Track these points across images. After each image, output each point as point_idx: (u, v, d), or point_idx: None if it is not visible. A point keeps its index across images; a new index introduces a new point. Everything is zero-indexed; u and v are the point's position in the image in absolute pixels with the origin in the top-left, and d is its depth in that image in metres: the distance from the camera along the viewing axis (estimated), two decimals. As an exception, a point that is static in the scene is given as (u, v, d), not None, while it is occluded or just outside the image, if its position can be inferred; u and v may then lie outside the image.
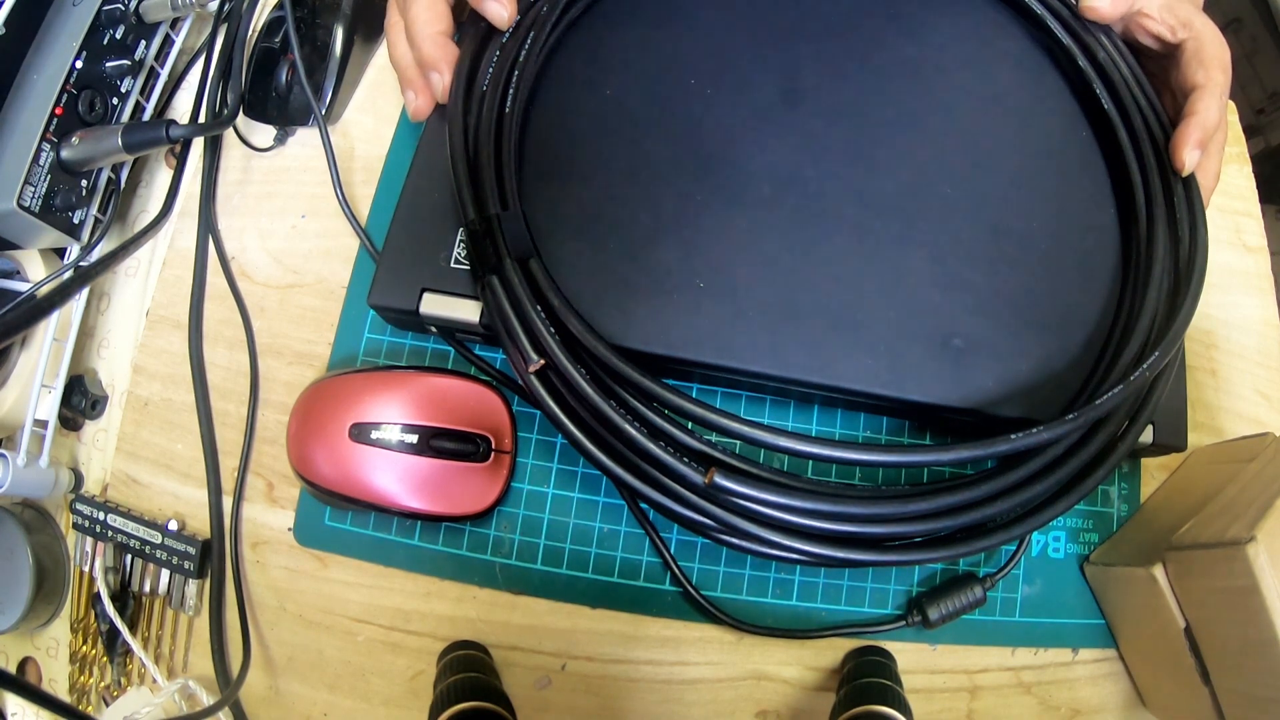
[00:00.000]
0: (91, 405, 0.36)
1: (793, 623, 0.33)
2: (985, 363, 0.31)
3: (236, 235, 0.38)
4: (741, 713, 0.32)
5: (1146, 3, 0.34)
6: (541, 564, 0.33)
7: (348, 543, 0.33)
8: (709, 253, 0.31)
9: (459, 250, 0.32)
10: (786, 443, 0.27)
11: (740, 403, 0.34)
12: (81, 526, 0.34)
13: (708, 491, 0.27)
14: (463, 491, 0.32)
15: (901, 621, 0.32)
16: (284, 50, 0.38)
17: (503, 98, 0.32)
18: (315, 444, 0.31)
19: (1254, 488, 0.28)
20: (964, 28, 0.36)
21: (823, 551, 0.28)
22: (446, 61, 0.32)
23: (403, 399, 0.32)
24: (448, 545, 0.33)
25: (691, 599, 0.32)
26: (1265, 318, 0.39)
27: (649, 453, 0.28)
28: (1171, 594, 0.29)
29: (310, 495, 0.33)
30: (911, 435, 0.35)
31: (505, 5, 0.32)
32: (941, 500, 0.28)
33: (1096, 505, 0.35)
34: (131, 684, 0.34)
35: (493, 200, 0.30)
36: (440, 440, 0.31)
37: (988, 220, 0.33)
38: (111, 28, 0.35)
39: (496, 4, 0.32)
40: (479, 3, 0.32)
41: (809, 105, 0.34)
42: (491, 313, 0.29)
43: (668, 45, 0.35)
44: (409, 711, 0.32)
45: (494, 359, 0.35)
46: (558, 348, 0.28)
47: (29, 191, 0.32)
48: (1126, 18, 0.35)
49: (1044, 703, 0.33)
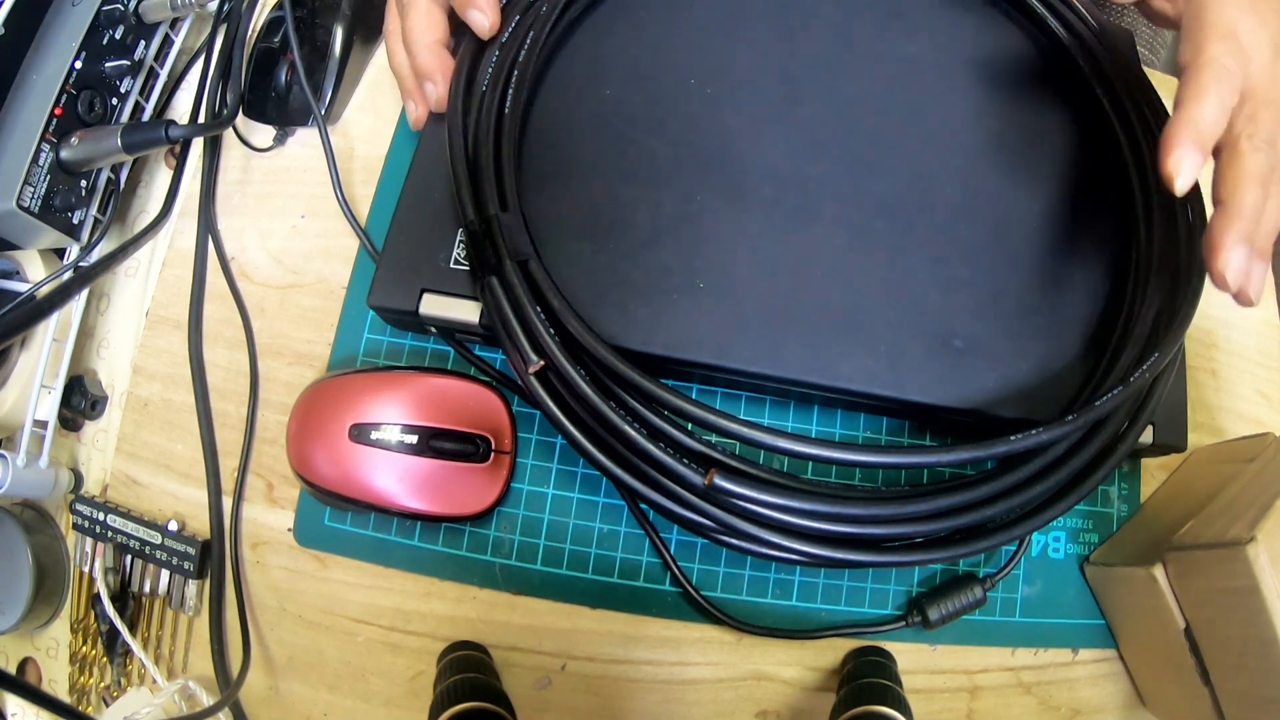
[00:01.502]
0: (91, 406, 0.36)
1: (793, 623, 0.33)
2: (985, 363, 0.31)
3: (236, 235, 0.38)
4: (741, 713, 0.32)
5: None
6: (541, 564, 0.33)
7: (348, 543, 0.33)
8: (709, 253, 0.31)
9: (459, 251, 0.32)
10: (786, 444, 0.27)
11: (740, 403, 0.34)
12: (81, 527, 0.34)
13: (707, 492, 0.27)
14: (463, 492, 0.32)
15: (901, 622, 0.32)
16: (284, 50, 0.38)
17: (502, 98, 0.32)
18: (315, 444, 0.31)
19: (1254, 488, 0.28)
20: (964, 26, 0.36)
21: (822, 552, 0.28)
22: (441, 71, 0.33)
23: (402, 399, 0.32)
24: (448, 545, 0.33)
25: (691, 599, 0.32)
26: (1265, 318, 0.39)
27: (648, 454, 0.28)
28: (1171, 594, 0.29)
29: (310, 496, 0.33)
30: (911, 436, 0.35)
31: (487, 14, 0.32)
32: (941, 501, 0.28)
33: (1096, 505, 0.35)
34: (131, 684, 0.34)
35: (492, 201, 0.30)
36: (440, 441, 0.31)
37: (988, 220, 0.33)
38: (111, 28, 0.35)
39: (479, 13, 0.32)
40: (463, 11, 0.32)
41: (809, 105, 0.34)
42: (491, 314, 0.29)
43: (667, 45, 0.35)
44: (409, 712, 0.32)
45: (494, 359, 0.35)
46: (557, 349, 0.28)
47: (28, 192, 0.32)
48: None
49: (1044, 703, 0.33)
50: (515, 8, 0.34)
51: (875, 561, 0.29)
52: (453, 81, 0.32)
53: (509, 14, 0.33)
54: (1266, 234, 0.27)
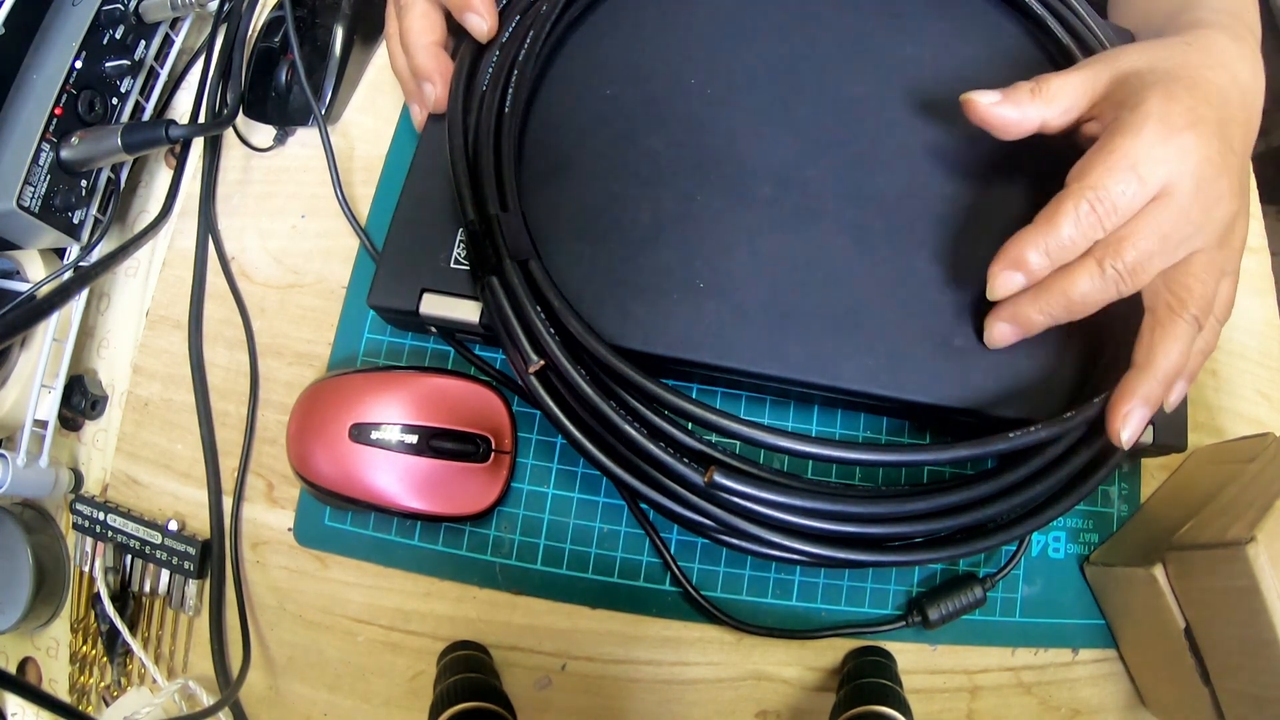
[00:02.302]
0: (91, 405, 0.36)
1: (793, 623, 0.33)
2: (986, 362, 0.31)
3: (236, 235, 0.38)
4: (741, 713, 0.32)
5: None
6: (541, 564, 0.33)
7: (348, 543, 0.33)
8: (709, 253, 0.31)
9: (459, 251, 0.31)
10: (786, 443, 0.27)
11: (740, 403, 0.34)
12: (81, 527, 0.34)
13: (707, 491, 0.27)
14: (463, 492, 0.32)
15: (901, 622, 0.32)
16: (284, 50, 0.38)
17: (502, 97, 0.32)
18: (315, 444, 0.31)
19: (1254, 488, 0.28)
20: (963, 26, 0.36)
21: (822, 552, 0.28)
22: (440, 73, 0.33)
23: (403, 399, 0.32)
24: (448, 545, 0.33)
25: (691, 599, 0.32)
26: (1266, 318, 0.39)
27: (649, 453, 0.28)
28: (1172, 594, 0.29)
29: (310, 495, 0.33)
30: (912, 435, 0.35)
31: (485, 18, 0.32)
32: (941, 500, 0.28)
33: (1097, 505, 0.35)
34: (131, 684, 0.34)
35: (492, 201, 0.30)
36: (440, 440, 0.31)
37: (988, 218, 0.33)
38: (111, 28, 0.35)
39: (476, 16, 0.32)
40: (460, 15, 0.32)
41: (809, 104, 0.34)
42: (491, 313, 0.29)
43: (667, 44, 0.35)
44: (409, 711, 0.32)
45: (494, 359, 0.35)
46: (557, 349, 0.28)
47: (29, 191, 0.32)
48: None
49: (1044, 703, 0.33)
50: (515, 7, 0.34)
51: (875, 561, 0.29)
52: (453, 81, 0.32)
53: (509, 14, 0.33)
54: (1171, 393, 0.28)
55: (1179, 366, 0.27)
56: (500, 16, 0.33)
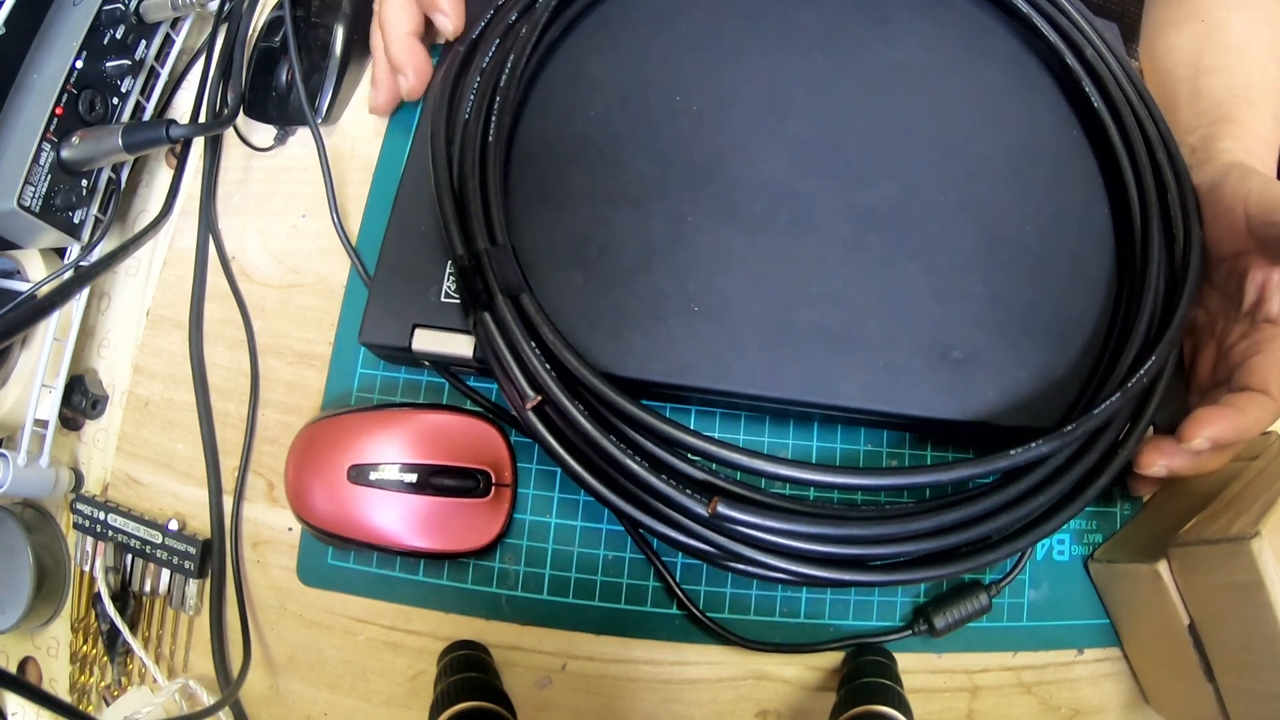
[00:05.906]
0: (92, 405, 0.36)
1: (800, 637, 0.32)
2: (985, 373, 0.30)
3: (237, 235, 0.38)
4: (741, 713, 0.32)
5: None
6: (548, 594, 0.32)
7: (352, 581, 0.32)
8: (702, 276, 0.31)
9: (449, 284, 0.31)
10: (788, 471, 0.27)
11: (739, 422, 0.34)
12: (82, 526, 0.34)
13: (712, 521, 0.27)
14: (465, 528, 0.31)
15: (908, 631, 0.32)
16: (284, 50, 0.38)
17: (485, 125, 0.31)
18: (314, 487, 0.31)
19: (1259, 484, 0.28)
20: (950, 30, 0.36)
21: (829, 575, 0.28)
22: (413, 66, 0.33)
23: (400, 438, 0.31)
24: (453, 580, 0.32)
25: (698, 622, 0.32)
26: (1268, 315, 0.39)
27: (651, 485, 0.27)
28: (1176, 590, 0.29)
29: (311, 536, 0.33)
30: (912, 447, 0.34)
31: (451, 17, 0.33)
32: (944, 517, 0.28)
33: (1100, 505, 0.35)
34: (132, 684, 0.34)
35: (481, 235, 0.29)
36: (440, 478, 0.31)
37: (982, 227, 0.32)
38: (112, 27, 0.35)
39: (443, 16, 0.33)
40: (429, 12, 0.33)
41: (797, 118, 0.33)
42: (485, 349, 0.29)
43: (650, 63, 0.34)
44: (409, 711, 0.32)
45: (490, 390, 0.34)
46: (554, 384, 0.27)
47: (29, 191, 0.32)
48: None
49: (1045, 703, 0.33)
50: (495, 30, 0.33)
51: (881, 581, 0.28)
52: (434, 110, 0.32)
53: (488, 37, 0.33)
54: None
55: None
56: (479, 40, 0.33)
